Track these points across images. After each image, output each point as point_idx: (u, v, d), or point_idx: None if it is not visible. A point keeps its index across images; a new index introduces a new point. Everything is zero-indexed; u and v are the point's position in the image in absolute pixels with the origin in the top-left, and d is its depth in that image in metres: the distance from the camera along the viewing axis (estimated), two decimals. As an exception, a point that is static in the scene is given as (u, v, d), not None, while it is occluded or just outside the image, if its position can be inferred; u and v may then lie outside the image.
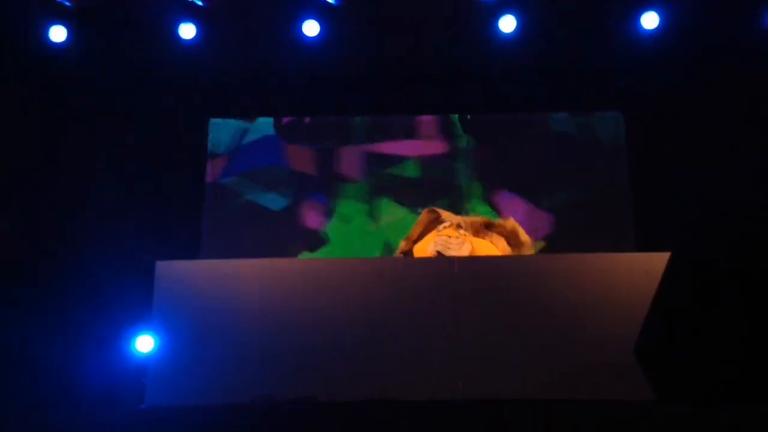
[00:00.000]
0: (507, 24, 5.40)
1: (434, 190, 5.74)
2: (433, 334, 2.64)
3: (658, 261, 2.35)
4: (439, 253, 3.31)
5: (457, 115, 5.93)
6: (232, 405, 2.24)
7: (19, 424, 1.95)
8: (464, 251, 3.31)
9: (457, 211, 3.85)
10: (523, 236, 3.53)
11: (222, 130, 5.88)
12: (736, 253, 1.99)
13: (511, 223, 3.57)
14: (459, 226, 3.45)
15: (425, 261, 3.16)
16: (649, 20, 5.36)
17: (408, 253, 3.53)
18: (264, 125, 5.91)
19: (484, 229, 3.50)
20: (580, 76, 5.74)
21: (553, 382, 2.52)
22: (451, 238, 3.35)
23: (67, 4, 5.25)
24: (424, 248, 3.42)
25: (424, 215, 3.56)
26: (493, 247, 3.45)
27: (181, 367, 2.62)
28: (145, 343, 3.71)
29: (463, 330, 2.64)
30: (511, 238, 3.51)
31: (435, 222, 3.50)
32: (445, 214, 3.51)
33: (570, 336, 2.60)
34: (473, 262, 3.11)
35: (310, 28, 5.42)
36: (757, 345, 1.90)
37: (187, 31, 5.41)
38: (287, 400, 2.11)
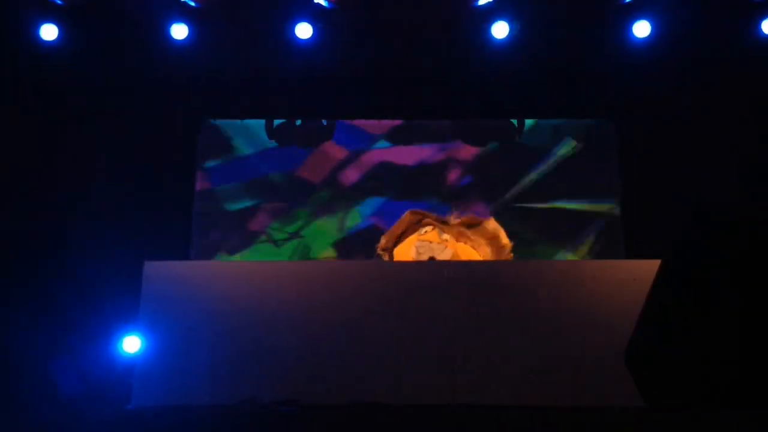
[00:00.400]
0: (500, 30, 5.41)
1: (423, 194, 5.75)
2: (421, 338, 2.63)
3: (648, 268, 2.36)
4: (418, 255, 3.33)
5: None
6: (219, 406, 2.22)
7: (4, 425, 1.93)
8: (445, 257, 3.33)
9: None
10: (504, 239, 3.54)
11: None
12: (728, 261, 1.99)
13: (492, 224, 3.57)
14: (442, 231, 3.45)
15: (415, 265, 3.16)
16: (641, 29, 5.38)
17: (388, 250, 3.54)
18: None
19: (467, 230, 3.50)
20: (573, 84, 5.76)
21: (543, 388, 2.52)
22: (433, 243, 3.36)
23: (59, 2, 5.22)
24: (406, 251, 3.42)
25: (407, 216, 3.56)
26: (474, 252, 3.46)
27: (168, 367, 2.60)
28: (132, 344, 3.68)
29: (452, 335, 2.64)
30: (492, 241, 3.52)
31: (417, 224, 3.51)
32: (428, 219, 3.51)
33: (560, 342, 2.60)
34: (463, 267, 3.11)
35: (303, 30, 5.41)
36: (749, 351, 1.90)
37: (180, 31, 5.39)
38: (274, 402, 2.10)
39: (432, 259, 3.32)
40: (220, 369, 2.57)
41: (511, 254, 3.56)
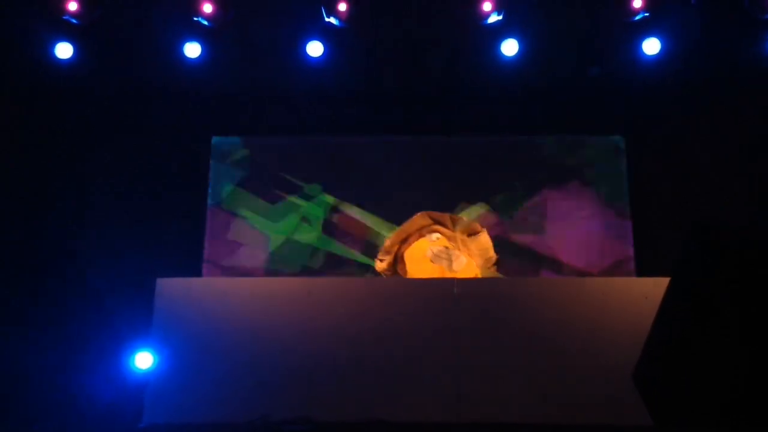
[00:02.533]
0: (509, 47, 5.43)
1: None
2: (432, 356, 2.64)
3: (658, 286, 2.36)
4: (436, 258, 3.38)
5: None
6: (229, 424, 2.23)
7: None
8: (461, 263, 3.37)
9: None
10: (491, 251, 3.59)
11: None
12: (737, 277, 1.99)
13: (485, 236, 3.62)
14: (449, 240, 3.50)
15: (424, 282, 3.17)
16: (651, 46, 5.40)
17: (392, 252, 3.56)
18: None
19: (467, 238, 3.55)
20: (583, 100, 5.77)
21: (551, 407, 2.52)
22: (450, 249, 3.41)
23: (74, 21, 5.28)
24: (418, 254, 3.45)
25: (417, 219, 3.60)
26: (474, 263, 3.50)
27: (179, 384, 2.61)
28: (144, 360, 3.69)
29: (460, 352, 2.64)
30: (482, 252, 3.57)
31: (425, 229, 3.55)
32: (436, 227, 3.55)
33: (569, 360, 2.60)
34: (472, 284, 3.12)
35: (314, 49, 5.45)
36: (757, 371, 1.89)
37: (193, 50, 5.43)
38: (284, 420, 2.10)
39: (449, 263, 3.38)
40: (231, 386, 2.58)
41: (494, 267, 3.60)
